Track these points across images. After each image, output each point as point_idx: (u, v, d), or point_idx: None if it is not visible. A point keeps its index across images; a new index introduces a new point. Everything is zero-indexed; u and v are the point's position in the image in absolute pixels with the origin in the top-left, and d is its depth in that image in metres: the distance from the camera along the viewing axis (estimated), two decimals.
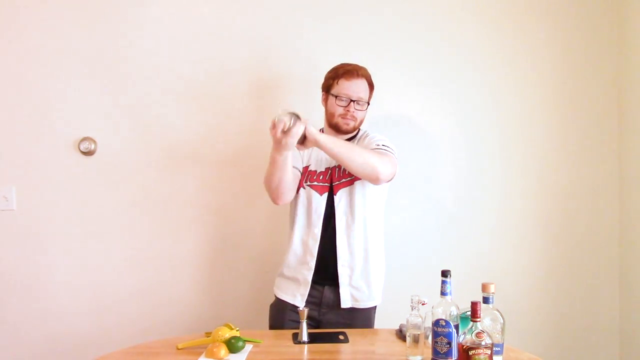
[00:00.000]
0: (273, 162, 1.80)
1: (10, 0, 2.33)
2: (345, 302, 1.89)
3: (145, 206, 2.38)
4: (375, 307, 1.97)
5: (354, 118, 1.92)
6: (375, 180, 1.81)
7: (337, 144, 1.76)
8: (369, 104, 1.97)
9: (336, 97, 1.91)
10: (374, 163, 1.77)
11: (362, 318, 1.92)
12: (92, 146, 2.34)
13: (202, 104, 2.38)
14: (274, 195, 1.88)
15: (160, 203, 2.38)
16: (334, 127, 1.95)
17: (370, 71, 1.98)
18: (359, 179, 1.88)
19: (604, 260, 2.43)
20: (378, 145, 1.88)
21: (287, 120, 1.69)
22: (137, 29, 2.36)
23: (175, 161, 2.38)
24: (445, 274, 1.44)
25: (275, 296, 1.98)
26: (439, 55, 2.40)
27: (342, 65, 1.96)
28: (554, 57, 2.41)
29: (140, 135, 2.37)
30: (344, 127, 1.92)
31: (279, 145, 1.71)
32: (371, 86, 1.97)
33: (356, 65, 1.95)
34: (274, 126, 1.68)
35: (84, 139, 2.34)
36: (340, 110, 1.91)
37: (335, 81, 1.93)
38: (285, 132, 1.67)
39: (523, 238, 2.43)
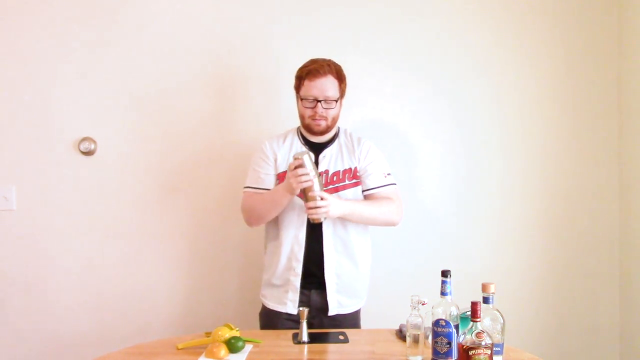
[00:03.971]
0: (276, 202, 1.81)
1: (9, 1, 2.33)
2: (333, 310, 1.87)
3: (145, 206, 2.38)
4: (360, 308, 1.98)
5: (324, 118, 1.86)
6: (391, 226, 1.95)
7: (362, 214, 1.84)
8: (342, 96, 1.91)
9: (303, 99, 1.87)
10: (393, 219, 1.91)
11: (350, 319, 1.92)
12: (92, 146, 2.34)
13: (203, 104, 2.38)
14: (254, 222, 1.92)
15: (160, 203, 2.38)
16: (307, 129, 1.91)
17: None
18: (347, 187, 1.88)
19: (604, 260, 2.43)
20: (384, 175, 1.92)
21: (307, 164, 1.70)
22: (136, 29, 2.36)
23: (175, 161, 2.38)
24: (445, 274, 1.44)
25: (264, 305, 1.96)
26: (438, 55, 2.40)
27: (307, 64, 1.88)
28: (554, 57, 2.41)
29: (140, 135, 2.37)
30: (316, 128, 1.87)
31: (291, 188, 1.73)
32: (340, 80, 1.88)
33: (321, 62, 1.86)
34: (294, 167, 1.71)
35: (84, 139, 2.34)
36: (309, 112, 1.86)
37: (301, 82, 1.87)
38: (299, 176, 1.70)
39: (523, 238, 2.43)
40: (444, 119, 2.41)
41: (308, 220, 1.83)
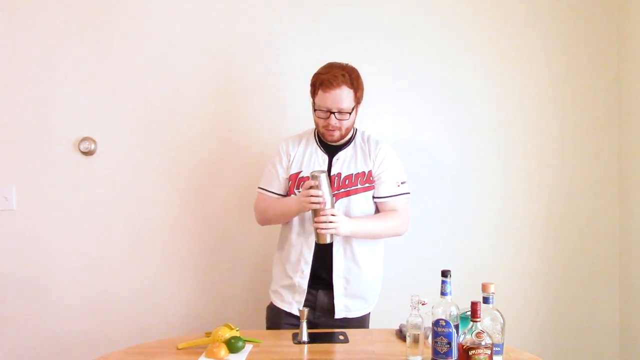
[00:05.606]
0: (286, 214, 1.87)
1: (9, 1, 2.33)
2: (339, 313, 1.87)
3: (144, 206, 2.38)
4: (369, 312, 1.97)
5: (337, 128, 1.83)
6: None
7: (370, 232, 1.86)
8: (358, 103, 1.87)
9: (316, 109, 1.84)
10: (399, 233, 1.93)
11: (357, 322, 1.90)
12: (92, 146, 2.34)
13: (202, 104, 2.38)
14: (264, 223, 2.00)
15: (160, 203, 2.38)
16: (322, 137, 1.89)
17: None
18: (359, 191, 1.87)
19: (604, 260, 2.43)
20: (397, 184, 1.91)
21: (323, 183, 1.72)
22: (137, 29, 2.36)
23: (175, 161, 2.38)
24: (445, 274, 1.44)
25: (272, 300, 1.97)
26: (437, 55, 2.39)
27: (322, 72, 1.83)
28: (554, 57, 2.40)
29: (140, 135, 2.37)
30: (329, 138, 1.86)
31: (301, 206, 1.77)
32: (356, 88, 1.83)
33: (335, 71, 1.80)
34: (309, 187, 1.73)
35: (84, 139, 2.34)
36: (322, 123, 1.83)
37: (315, 90, 1.84)
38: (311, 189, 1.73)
39: (523, 238, 2.43)
40: (444, 119, 2.41)
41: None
